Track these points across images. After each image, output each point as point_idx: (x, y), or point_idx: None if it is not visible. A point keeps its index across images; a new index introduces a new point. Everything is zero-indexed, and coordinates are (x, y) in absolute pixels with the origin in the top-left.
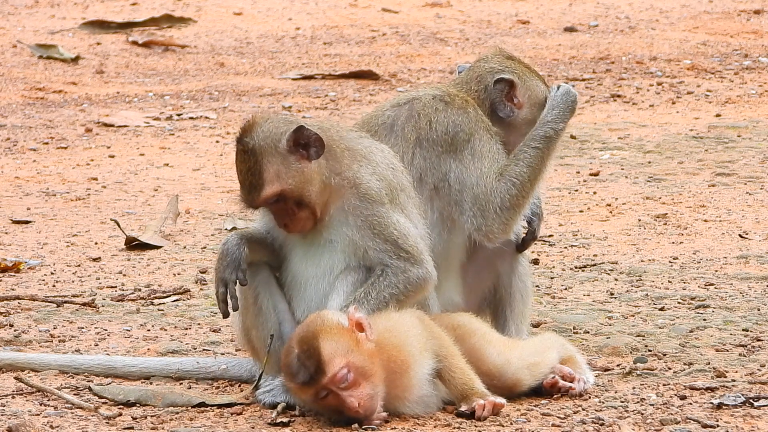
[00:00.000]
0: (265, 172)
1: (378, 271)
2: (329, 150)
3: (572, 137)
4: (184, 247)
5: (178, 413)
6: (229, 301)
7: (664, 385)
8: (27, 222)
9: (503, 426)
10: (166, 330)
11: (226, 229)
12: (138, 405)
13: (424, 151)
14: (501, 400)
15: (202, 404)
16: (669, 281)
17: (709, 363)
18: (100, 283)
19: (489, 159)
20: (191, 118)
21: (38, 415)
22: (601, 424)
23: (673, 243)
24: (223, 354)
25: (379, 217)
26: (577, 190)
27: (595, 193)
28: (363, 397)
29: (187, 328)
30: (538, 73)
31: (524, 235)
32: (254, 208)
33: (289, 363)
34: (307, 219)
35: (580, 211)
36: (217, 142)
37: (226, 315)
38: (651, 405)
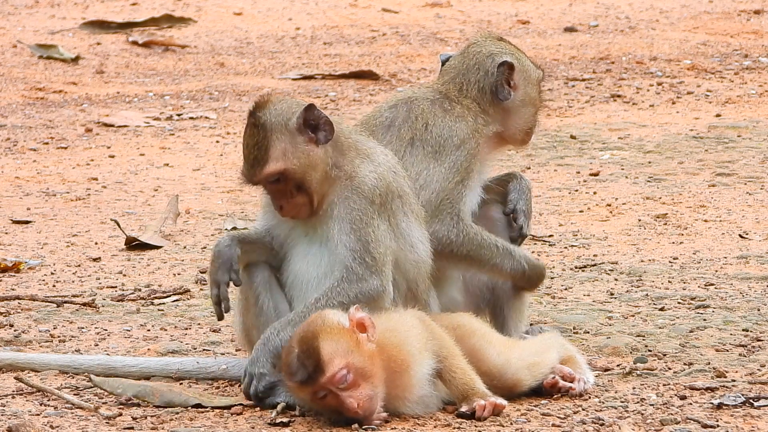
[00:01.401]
0: (272, 148)
1: (338, 275)
2: (337, 141)
3: (572, 137)
4: (184, 247)
5: (178, 413)
6: (222, 302)
7: (664, 385)
8: (27, 222)
9: (503, 426)
10: (166, 330)
11: (226, 229)
12: (136, 400)
13: (415, 150)
14: (502, 401)
15: (198, 405)
16: (669, 281)
17: (709, 363)
18: (100, 283)
19: (460, 175)
20: (191, 118)
21: (38, 415)
22: (601, 424)
23: (673, 243)
24: (223, 354)
25: (362, 214)
26: (577, 190)
27: (595, 193)
28: (362, 397)
29: (187, 328)
30: (524, 53)
31: (512, 233)
32: (254, 184)
33: (288, 362)
34: (303, 205)
35: (580, 211)
36: (217, 142)
37: (220, 317)
38: (651, 405)
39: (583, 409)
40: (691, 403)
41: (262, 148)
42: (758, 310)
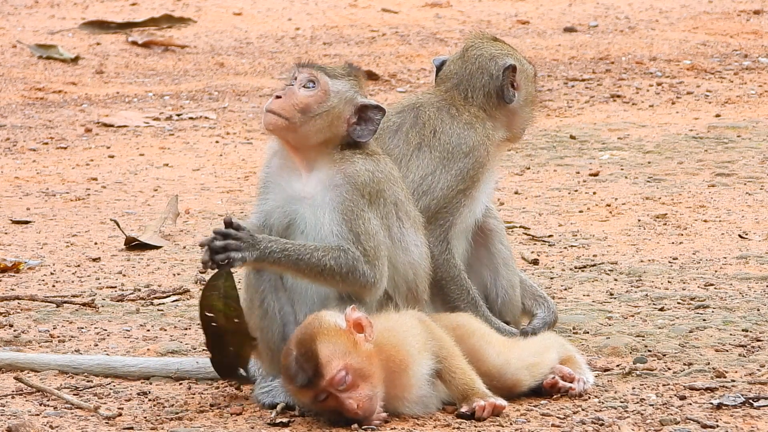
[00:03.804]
0: (335, 77)
1: (334, 245)
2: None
3: (572, 137)
4: (184, 248)
5: (177, 413)
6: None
7: (663, 385)
8: (27, 222)
9: (503, 426)
10: (165, 330)
11: None
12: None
13: (422, 154)
14: (502, 401)
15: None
16: (669, 281)
17: (708, 363)
18: (99, 283)
19: (465, 184)
20: (191, 118)
21: (38, 415)
22: (601, 425)
23: (673, 243)
24: None
25: (354, 205)
26: (576, 190)
27: (594, 193)
28: (362, 398)
29: (186, 328)
30: (517, 50)
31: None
32: (300, 68)
33: (287, 365)
34: (291, 114)
35: (580, 212)
36: (217, 142)
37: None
38: (651, 405)
39: (583, 410)
40: (690, 404)
41: (327, 71)
42: (758, 310)
